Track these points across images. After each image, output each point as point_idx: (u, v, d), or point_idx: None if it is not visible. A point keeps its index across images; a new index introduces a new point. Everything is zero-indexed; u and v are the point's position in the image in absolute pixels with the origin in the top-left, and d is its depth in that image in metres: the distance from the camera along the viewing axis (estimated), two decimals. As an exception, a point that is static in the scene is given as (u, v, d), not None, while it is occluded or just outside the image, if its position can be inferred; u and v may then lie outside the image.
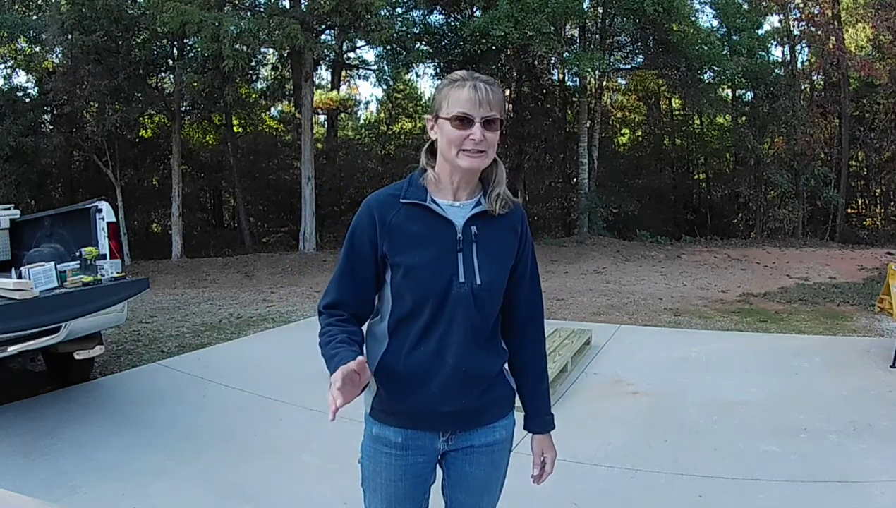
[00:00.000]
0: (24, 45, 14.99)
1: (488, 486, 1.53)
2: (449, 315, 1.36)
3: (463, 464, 1.48)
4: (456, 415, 1.42)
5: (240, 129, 19.01)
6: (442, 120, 1.36)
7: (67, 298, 3.47)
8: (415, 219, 1.37)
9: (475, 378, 1.41)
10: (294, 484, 2.92)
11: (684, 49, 13.81)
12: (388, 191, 1.42)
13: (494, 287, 1.41)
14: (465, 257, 1.37)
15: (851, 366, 4.67)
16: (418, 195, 1.38)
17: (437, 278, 1.35)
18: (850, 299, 7.97)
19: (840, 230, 16.39)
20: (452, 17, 15.71)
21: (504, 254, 1.43)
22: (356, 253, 1.39)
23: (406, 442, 1.42)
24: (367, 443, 1.47)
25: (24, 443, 3.33)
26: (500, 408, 1.49)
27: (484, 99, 1.33)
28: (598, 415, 3.77)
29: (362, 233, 1.38)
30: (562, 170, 19.13)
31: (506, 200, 1.42)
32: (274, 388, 4.25)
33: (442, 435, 1.44)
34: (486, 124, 1.34)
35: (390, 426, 1.42)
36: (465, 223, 1.38)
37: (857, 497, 2.69)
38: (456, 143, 1.34)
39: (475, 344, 1.40)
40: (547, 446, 1.56)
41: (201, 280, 11.39)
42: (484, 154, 1.35)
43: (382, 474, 1.44)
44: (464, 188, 1.41)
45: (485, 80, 1.36)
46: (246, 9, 14.06)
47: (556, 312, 7.38)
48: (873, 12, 14.84)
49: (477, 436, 1.46)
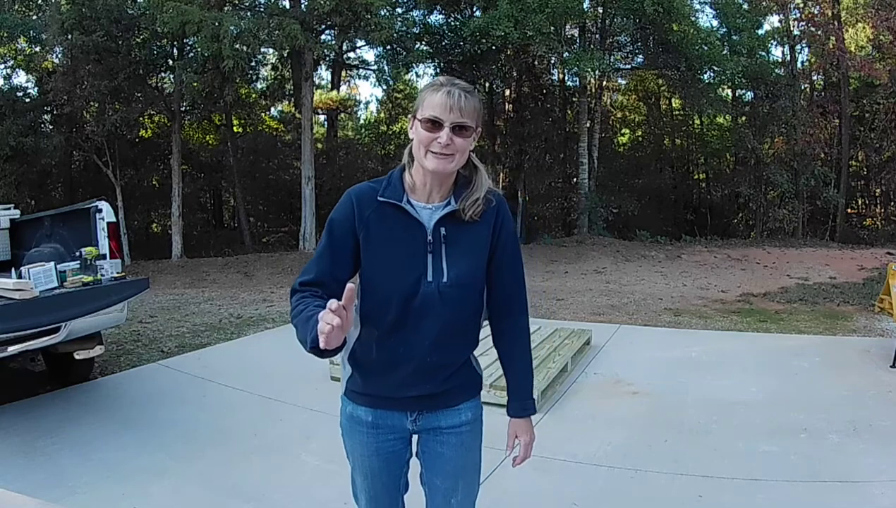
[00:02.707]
0: (24, 45, 14.99)
1: (462, 469, 1.58)
2: (417, 311, 1.42)
3: (434, 446, 1.55)
4: (421, 398, 1.50)
5: (240, 129, 19.00)
6: (416, 121, 1.41)
7: (67, 298, 3.47)
8: (389, 218, 1.42)
9: (441, 366, 1.48)
10: (294, 484, 2.92)
11: (684, 49, 13.81)
12: (369, 185, 1.47)
13: (463, 283, 1.45)
14: (435, 257, 1.43)
15: (851, 366, 4.67)
16: (395, 195, 1.43)
17: (404, 278, 1.41)
18: (850, 299, 7.98)
19: (840, 230, 16.38)
20: (452, 17, 15.70)
21: (475, 250, 1.47)
22: (335, 237, 1.44)
23: (376, 421, 1.51)
24: (344, 422, 1.57)
25: (24, 443, 3.33)
26: (465, 392, 1.56)
27: (456, 105, 1.37)
28: (598, 415, 3.76)
29: (343, 221, 1.43)
30: (562, 170, 19.13)
31: (482, 206, 1.45)
32: (274, 388, 4.25)
33: (409, 416, 1.52)
34: (455, 130, 1.38)
35: (361, 405, 1.52)
36: (435, 225, 1.43)
37: (857, 497, 2.68)
38: (424, 144, 1.39)
39: (444, 338, 1.45)
40: (522, 429, 1.61)
41: (201, 280, 11.39)
42: (450, 157, 1.39)
43: (358, 450, 1.54)
44: (437, 190, 1.45)
45: (462, 87, 1.40)
46: (246, 9, 14.05)
47: (556, 312, 7.38)
48: (873, 12, 14.84)
49: (443, 418, 1.53)
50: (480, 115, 1.45)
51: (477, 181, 1.48)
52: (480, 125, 1.46)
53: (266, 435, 3.52)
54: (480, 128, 1.47)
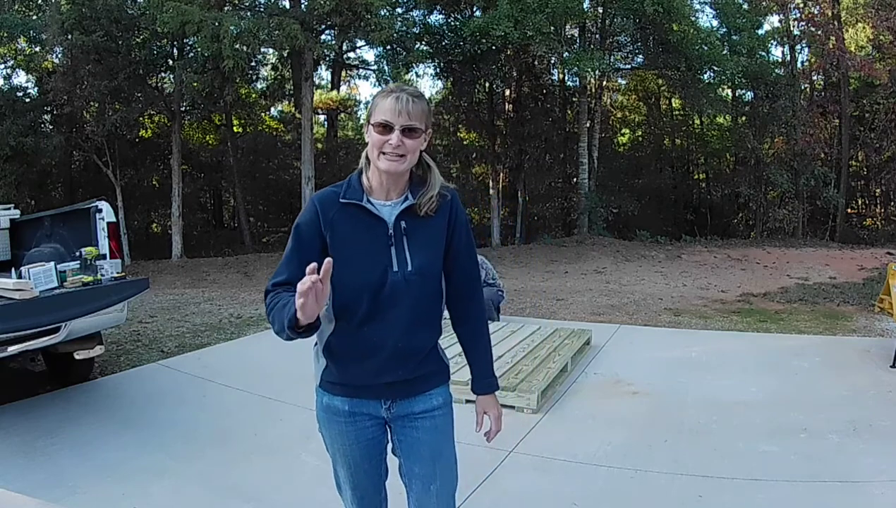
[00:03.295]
0: (24, 45, 14.97)
1: (438, 452, 1.64)
2: (386, 300, 1.51)
3: (410, 431, 1.62)
4: (394, 385, 1.58)
5: (240, 129, 18.99)
6: (370, 126, 1.53)
7: (67, 298, 3.47)
8: (351, 217, 1.53)
9: (411, 352, 1.57)
10: (294, 484, 2.92)
11: (684, 49, 13.81)
12: (331, 189, 1.58)
13: (425, 271, 1.56)
14: (398, 249, 1.53)
15: (851, 366, 4.67)
16: (355, 195, 1.55)
17: (371, 270, 1.51)
18: (850, 299, 7.98)
19: (840, 230, 16.38)
20: (452, 17, 15.69)
21: (434, 241, 1.58)
22: (303, 240, 1.53)
23: (352, 409, 1.59)
24: (321, 414, 1.64)
25: (24, 443, 3.33)
26: (435, 378, 1.65)
27: (404, 109, 1.48)
28: (598, 415, 3.76)
29: (307, 224, 1.53)
30: (562, 170, 19.13)
31: (436, 202, 1.56)
32: (274, 388, 4.25)
33: (383, 403, 1.60)
34: (405, 132, 1.49)
35: (337, 395, 1.60)
36: (396, 219, 1.54)
37: (857, 497, 2.68)
38: (377, 147, 1.51)
39: (413, 324, 1.55)
40: (489, 404, 1.71)
41: (201, 280, 11.40)
42: (402, 158, 1.50)
43: (338, 440, 1.63)
44: (393, 189, 1.56)
45: (410, 91, 1.52)
46: (246, 9, 14.05)
47: (556, 312, 7.38)
48: (873, 12, 14.84)
49: (416, 403, 1.61)
50: (429, 118, 1.56)
51: (431, 179, 1.59)
52: (430, 127, 1.56)
53: (266, 435, 3.52)
54: (430, 130, 1.57)
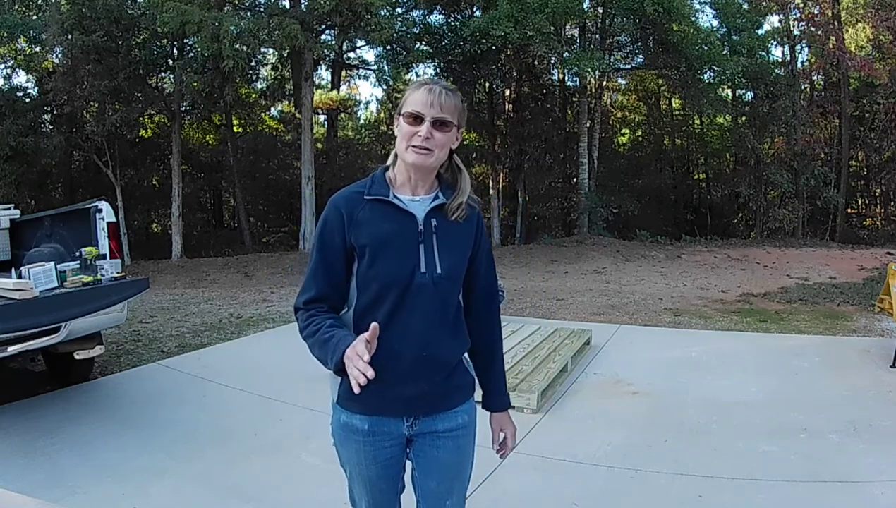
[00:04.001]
0: (24, 45, 14.99)
1: (457, 471, 1.59)
2: (411, 302, 1.44)
3: (430, 450, 1.54)
4: (418, 399, 1.49)
5: (240, 129, 19.00)
6: (400, 117, 1.47)
7: (67, 298, 3.47)
8: (379, 213, 1.46)
9: (437, 362, 1.48)
10: (294, 484, 2.92)
11: (684, 49, 13.81)
12: (353, 189, 1.50)
13: (454, 275, 1.50)
14: (426, 248, 1.46)
15: (851, 366, 4.67)
16: (381, 191, 1.47)
17: (400, 268, 1.43)
18: (850, 299, 7.98)
19: (840, 230, 16.39)
20: (452, 17, 15.70)
21: (462, 245, 1.53)
22: (328, 248, 1.46)
23: (372, 429, 1.49)
24: (338, 431, 1.54)
25: (24, 443, 3.33)
26: (461, 395, 1.57)
27: (437, 101, 1.42)
28: (598, 415, 3.76)
29: (332, 230, 1.46)
30: (562, 170, 19.13)
31: (466, 210, 1.51)
32: (274, 388, 4.25)
33: (406, 420, 1.50)
34: (436, 124, 1.43)
35: (356, 413, 1.49)
36: (426, 216, 1.47)
37: (857, 497, 2.68)
38: (406, 138, 1.44)
39: (437, 331, 1.47)
40: (505, 422, 1.65)
41: (201, 280, 11.40)
42: (430, 152, 1.43)
43: (354, 459, 1.52)
44: (421, 185, 1.50)
45: (444, 85, 1.46)
46: (246, 9, 14.07)
47: (556, 312, 7.38)
48: (873, 12, 14.84)
49: (440, 421, 1.53)
50: (462, 115, 1.49)
51: (461, 184, 1.53)
52: (462, 125, 1.50)
53: (266, 435, 3.52)
54: (462, 127, 1.51)
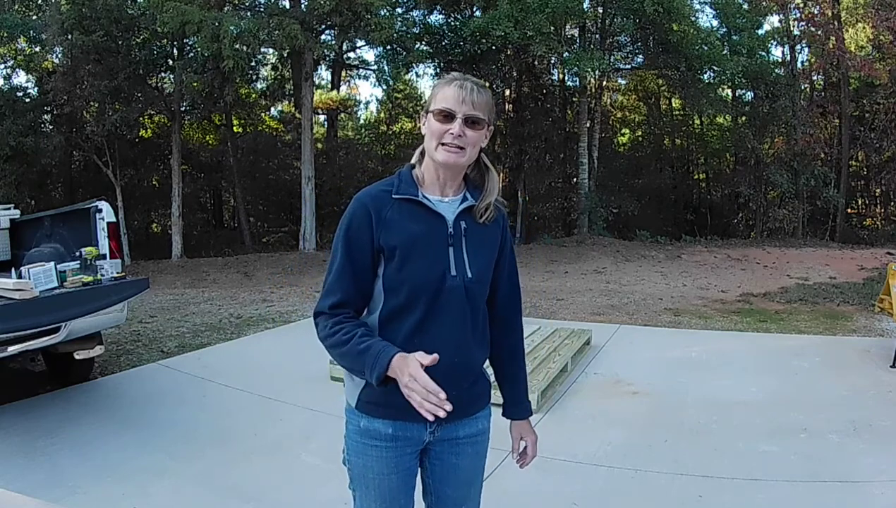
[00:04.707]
0: (24, 45, 14.99)
1: (474, 476, 1.57)
2: (442, 308, 1.38)
3: (450, 457, 1.50)
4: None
5: (240, 129, 18.99)
6: (429, 114, 1.41)
7: (67, 298, 3.47)
8: (408, 213, 1.40)
9: (465, 369, 1.44)
10: (294, 484, 2.92)
11: (684, 49, 13.81)
12: (379, 187, 1.43)
13: (484, 280, 1.46)
14: (456, 251, 1.41)
15: (851, 366, 4.67)
16: (410, 190, 1.41)
17: (430, 271, 1.38)
18: (850, 299, 7.97)
19: (840, 230, 16.38)
20: (452, 17, 15.71)
21: (490, 248, 1.49)
22: (355, 248, 1.39)
23: (396, 433, 1.43)
24: (355, 438, 1.46)
25: (24, 443, 3.33)
26: (481, 400, 1.54)
27: (468, 98, 1.37)
28: (598, 415, 3.77)
29: (359, 228, 1.39)
30: (562, 170, 19.12)
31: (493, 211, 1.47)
32: (274, 388, 4.25)
33: (429, 426, 1.45)
34: (468, 122, 1.37)
35: (379, 418, 1.42)
36: (456, 218, 1.42)
37: (857, 497, 2.68)
38: (437, 136, 1.38)
39: (467, 337, 1.43)
40: (526, 430, 1.62)
41: (201, 280, 11.39)
42: (462, 151, 1.38)
43: (374, 468, 1.44)
44: (450, 185, 1.45)
45: (475, 81, 1.40)
46: (246, 9, 14.06)
47: (556, 312, 7.38)
48: (873, 12, 14.83)
49: (462, 427, 1.49)
50: (493, 112, 1.44)
51: (489, 183, 1.48)
52: (493, 122, 1.45)
53: (266, 435, 3.52)
54: (492, 126, 1.46)
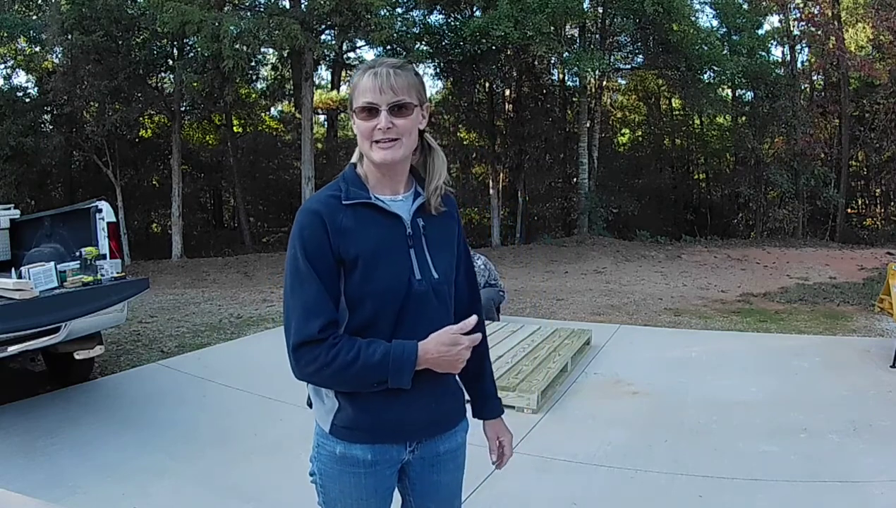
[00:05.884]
0: (24, 45, 14.98)
1: (456, 490, 1.50)
2: (412, 317, 1.27)
3: (430, 474, 1.42)
4: (425, 424, 1.36)
5: (240, 129, 19.00)
6: (353, 113, 1.28)
7: (67, 298, 3.47)
8: (363, 218, 1.27)
9: (443, 379, 1.34)
10: (294, 484, 2.91)
11: (684, 49, 13.81)
12: (326, 193, 1.30)
13: (450, 279, 1.37)
14: (418, 252, 1.30)
15: (851, 366, 4.67)
16: (360, 194, 1.29)
17: (395, 278, 1.26)
18: (850, 299, 7.97)
19: (840, 230, 16.38)
20: (452, 17, 15.70)
21: (449, 242, 1.39)
22: (320, 262, 1.24)
23: (374, 458, 1.33)
24: (330, 465, 1.36)
25: (24, 443, 3.33)
26: (458, 412, 1.45)
27: (386, 84, 1.23)
28: (598, 415, 3.77)
29: (317, 241, 1.24)
30: (562, 170, 19.12)
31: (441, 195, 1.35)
32: (274, 388, 4.23)
33: (408, 446, 1.37)
34: (393, 110, 1.24)
35: (357, 443, 1.32)
36: (412, 217, 1.31)
37: (857, 497, 2.68)
38: (366, 136, 1.26)
39: None
40: (501, 429, 1.53)
41: (201, 280, 11.40)
42: (397, 142, 1.25)
43: (352, 494, 1.35)
44: (399, 181, 1.33)
45: (391, 63, 1.27)
46: (246, 9, 14.05)
47: (556, 312, 7.38)
48: (873, 12, 14.83)
49: (441, 443, 1.41)
50: (422, 89, 1.30)
51: (432, 164, 1.35)
52: (425, 100, 1.31)
53: (266, 435, 3.52)
54: (427, 103, 1.32)
